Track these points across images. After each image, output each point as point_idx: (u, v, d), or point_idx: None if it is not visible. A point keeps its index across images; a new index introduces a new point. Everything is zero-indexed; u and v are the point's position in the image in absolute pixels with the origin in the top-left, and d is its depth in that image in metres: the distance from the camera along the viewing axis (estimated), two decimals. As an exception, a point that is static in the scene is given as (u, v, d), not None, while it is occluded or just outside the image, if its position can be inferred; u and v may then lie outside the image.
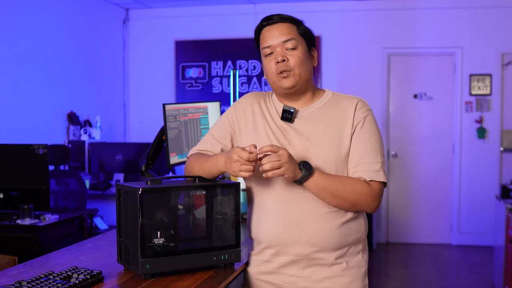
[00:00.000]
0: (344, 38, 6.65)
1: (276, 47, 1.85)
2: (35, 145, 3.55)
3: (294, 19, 1.90)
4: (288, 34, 1.85)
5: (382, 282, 5.18)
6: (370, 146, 1.85)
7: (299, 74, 1.85)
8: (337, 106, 1.90)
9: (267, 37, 1.87)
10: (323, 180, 1.78)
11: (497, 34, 6.33)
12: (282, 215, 1.83)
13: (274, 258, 1.88)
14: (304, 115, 1.90)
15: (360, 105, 1.90)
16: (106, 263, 1.92)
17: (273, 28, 1.87)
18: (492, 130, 6.41)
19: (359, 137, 1.86)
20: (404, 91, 6.66)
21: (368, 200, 1.81)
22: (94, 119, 6.14)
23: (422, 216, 6.64)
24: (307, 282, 1.86)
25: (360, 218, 1.90)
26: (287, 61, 1.84)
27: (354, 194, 1.80)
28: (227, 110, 2.02)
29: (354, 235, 1.87)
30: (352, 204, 1.81)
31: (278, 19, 1.88)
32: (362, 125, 1.87)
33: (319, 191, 1.78)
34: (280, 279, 1.88)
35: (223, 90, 6.91)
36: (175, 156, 2.88)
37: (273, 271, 1.89)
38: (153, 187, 1.74)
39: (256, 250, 1.94)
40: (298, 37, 1.87)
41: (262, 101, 1.96)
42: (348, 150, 1.85)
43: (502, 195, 4.73)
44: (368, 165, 1.83)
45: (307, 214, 1.82)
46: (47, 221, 3.48)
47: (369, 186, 1.82)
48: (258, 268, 1.92)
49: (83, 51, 6.17)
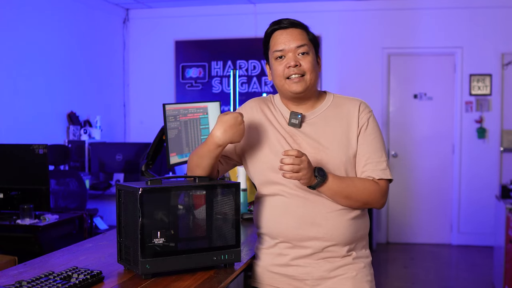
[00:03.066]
0: (344, 38, 6.65)
1: (289, 52, 1.90)
2: (35, 145, 3.55)
3: (303, 25, 1.95)
4: (301, 40, 1.90)
5: (382, 282, 5.18)
6: (375, 146, 1.93)
7: (310, 79, 1.90)
8: (341, 109, 1.96)
9: (280, 41, 1.91)
10: (336, 185, 1.84)
11: (497, 34, 6.33)
12: (298, 212, 1.88)
13: (289, 251, 1.92)
14: (311, 119, 1.94)
15: (363, 107, 1.97)
16: (106, 263, 1.92)
17: (286, 33, 1.91)
18: (492, 130, 6.41)
19: (364, 138, 1.93)
20: (404, 91, 6.66)
21: (377, 198, 1.91)
22: (94, 119, 6.14)
23: (422, 216, 6.64)
24: (321, 271, 1.91)
25: (366, 215, 2.00)
26: (300, 66, 1.88)
27: (365, 194, 1.88)
28: None
29: (362, 230, 1.96)
30: (363, 203, 1.90)
31: (289, 24, 1.92)
32: (367, 127, 1.94)
33: (332, 195, 1.86)
34: (295, 271, 1.92)
35: (223, 90, 6.91)
36: (175, 156, 2.88)
37: (286, 264, 1.93)
38: (153, 187, 1.74)
39: (267, 244, 1.96)
40: (309, 43, 1.92)
41: (266, 107, 1.99)
42: (355, 151, 1.92)
43: (502, 195, 4.74)
44: (375, 164, 1.92)
45: (323, 210, 1.87)
46: (47, 221, 3.48)
47: (378, 184, 1.91)
48: (271, 261, 1.95)
49: (83, 51, 6.17)
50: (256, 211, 2.01)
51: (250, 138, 1.95)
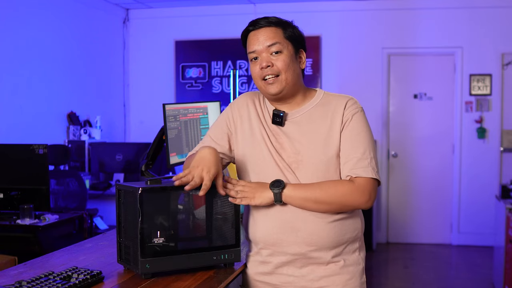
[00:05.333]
0: (344, 38, 6.65)
1: (261, 52, 1.85)
2: (35, 145, 3.55)
3: (280, 22, 1.88)
4: (272, 38, 1.84)
5: (382, 282, 5.18)
6: (357, 143, 1.83)
7: (285, 78, 1.84)
8: (328, 106, 1.89)
9: (252, 42, 1.87)
10: (299, 191, 1.79)
11: (497, 34, 6.33)
12: (278, 216, 1.84)
13: (270, 258, 1.88)
14: (295, 118, 1.90)
15: (349, 103, 1.88)
16: (106, 263, 1.92)
17: (258, 33, 1.86)
18: (492, 130, 6.41)
19: (346, 134, 1.85)
20: (404, 91, 6.66)
21: (355, 198, 1.79)
22: (94, 119, 6.14)
23: (422, 216, 6.64)
24: (304, 281, 1.86)
25: (356, 216, 1.90)
26: (272, 66, 1.84)
27: (337, 196, 1.79)
28: (224, 110, 2.02)
29: (350, 233, 1.88)
30: (340, 206, 1.81)
31: (264, 23, 1.87)
32: (349, 123, 1.85)
33: (300, 202, 1.80)
34: (278, 279, 1.89)
35: (223, 90, 6.91)
36: (175, 156, 2.88)
37: (270, 272, 1.89)
38: (153, 187, 1.74)
39: (253, 251, 1.95)
40: (284, 41, 1.85)
41: (257, 102, 1.96)
42: (338, 149, 1.85)
43: (502, 195, 4.73)
44: (355, 161, 1.82)
45: (302, 213, 1.82)
46: (47, 221, 3.48)
47: (353, 183, 1.80)
48: (255, 269, 1.93)
49: (83, 51, 6.17)
50: (244, 214, 2.01)
51: (240, 135, 1.94)
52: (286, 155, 1.85)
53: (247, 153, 1.92)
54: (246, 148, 1.92)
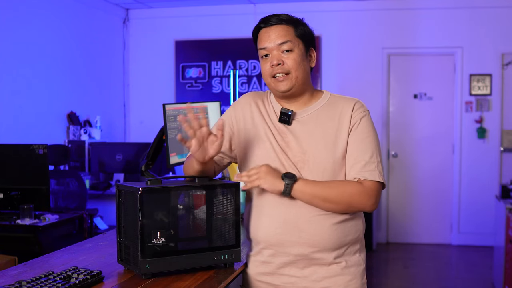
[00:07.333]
0: (344, 38, 6.65)
1: (272, 50, 1.85)
2: (35, 145, 3.55)
3: (292, 20, 1.89)
4: (284, 37, 1.84)
5: (382, 282, 5.18)
6: (365, 146, 1.84)
7: (296, 77, 1.85)
8: (335, 108, 1.89)
9: (264, 39, 1.87)
10: (310, 187, 1.79)
11: (497, 34, 6.33)
12: (281, 216, 1.84)
13: (272, 258, 1.88)
14: (302, 117, 1.90)
15: (357, 106, 1.89)
16: (106, 263, 1.92)
17: (270, 30, 1.87)
18: (492, 130, 6.41)
19: (354, 137, 1.85)
20: (404, 91, 6.66)
21: (362, 200, 1.80)
22: (94, 119, 6.14)
23: (422, 216, 6.64)
24: (306, 282, 1.86)
25: (358, 218, 1.91)
26: (283, 64, 1.84)
27: (345, 196, 1.80)
28: (227, 110, 2.02)
29: (352, 235, 1.88)
30: (347, 206, 1.82)
31: (276, 20, 1.87)
32: (358, 126, 1.86)
33: (309, 198, 1.79)
34: (280, 280, 1.88)
35: (223, 90, 6.91)
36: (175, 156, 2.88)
37: (272, 272, 1.89)
38: (153, 187, 1.74)
39: (254, 251, 1.94)
40: (295, 39, 1.86)
41: (261, 102, 1.96)
42: (345, 151, 1.85)
43: (502, 195, 4.73)
44: (363, 165, 1.83)
45: (305, 214, 1.82)
46: (47, 221, 3.48)
47: (361, 185, 1.81)
48: (257, 269, 1.92)
49: (83, 51, 6.17)
50: (245, 213, 2.00)
51: (243, 136, 1.94)
52: (292, 154, 1.85)
53: (250, 152, 1.92)
54: (250, 147, 1.92)
